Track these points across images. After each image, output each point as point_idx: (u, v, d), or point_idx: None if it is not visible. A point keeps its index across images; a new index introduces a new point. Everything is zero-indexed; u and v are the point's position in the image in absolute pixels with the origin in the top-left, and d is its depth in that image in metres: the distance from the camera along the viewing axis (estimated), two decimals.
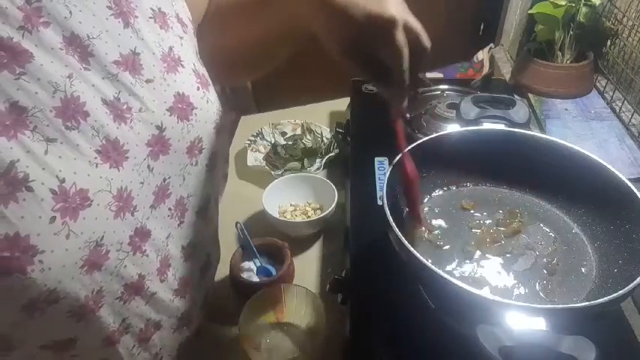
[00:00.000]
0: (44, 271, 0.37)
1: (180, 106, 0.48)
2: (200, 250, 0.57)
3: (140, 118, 0.44)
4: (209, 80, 0.55)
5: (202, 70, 0.54)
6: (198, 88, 0.51)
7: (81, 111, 0.40)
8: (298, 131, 1.12)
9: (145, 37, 0.46)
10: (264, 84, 1.70)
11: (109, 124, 0.42)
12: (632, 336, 0.57)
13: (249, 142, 1.09)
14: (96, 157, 0.40)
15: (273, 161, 1.05)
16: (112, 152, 0.42)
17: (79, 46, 0.41)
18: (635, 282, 0.46)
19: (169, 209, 0.50)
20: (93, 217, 0.39)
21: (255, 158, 1.04)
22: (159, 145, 0.46)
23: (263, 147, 1.09)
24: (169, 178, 0.48)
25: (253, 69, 0.70)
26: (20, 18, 0.37)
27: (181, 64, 0.49)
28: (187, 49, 0.52)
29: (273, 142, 1.09)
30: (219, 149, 0.57)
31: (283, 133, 1.13)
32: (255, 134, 1.12)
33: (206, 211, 0.56)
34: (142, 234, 0.46)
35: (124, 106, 0.43)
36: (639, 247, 0.54)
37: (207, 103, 0.52)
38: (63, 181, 0.37)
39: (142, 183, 0.45)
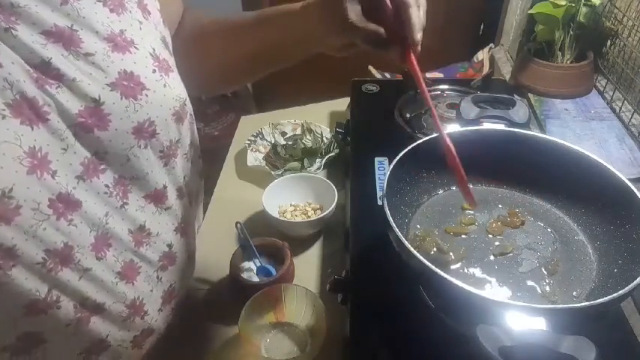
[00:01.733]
0: None
1: (125, 83, 0.47)
2: (157, 239, 0.55)
3: (71, 87, 0.44)
4: (172, 67, 0.54)
5: (166, 56, 0.53)
6: (154, 71, 0.50)
7: None
8: (298, 131, 1.12)
9: (88, 16, 0.46)
10: (264, 84, 1.70)
11: (27, 82, 0.41)
12: (632, 336, 0.57)
13: (249, 142, 1.09)
14: (4, 110, 0.40)
15: (273, 161, 1.05)
16: (27, 110, 0.41)
17: (2, 12, 0.41)
18: (635, 282, 0.46)
19: (106, 186, 0.48)
20: None
21: (255, 158, 1.04)
22: (94, 118, 0.45)
23: (263, 147, 1.09)
24: (105, 154, 0.47)
25: (251, 77, 0.71)
26: None
27: (135, 46, 0.49)
28: (147, 34, 0.52)
29: (273, 142, 1.09)
30: (182, 139, 0.56)
31: (283, 133, 1.13)
32: (255, 134, 1.12)
33: (161, 199, 0.55)
34: (67, 201, 0.44)
35: (54, 72, 0.43)
36: (639, 247, 0.55)
37: (165, 88, 0.51)
38: None
39: (63, 149, 0.44)
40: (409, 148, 0.63)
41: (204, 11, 0.68)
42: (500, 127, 0.73)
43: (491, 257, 0.60)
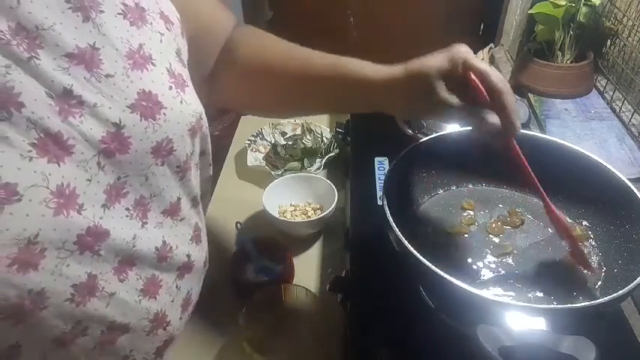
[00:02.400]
0: None
1: (144, 103, 0.46)
2: (176, 251, 0.55)
3: (94, 114, 0.43)
4: (187, 81, 0.53)
5: (180, 71, 0.53)
6: (170, 88, 0.49)
7: (14, 102, 0.38)
8: (298, 131, 1.12)
9: (108, 32, 0.45)
10: None
11: (50, 117, 0.40)
12: (632, 336, 0.57)
13: (249, 142, 1.09)
14: (30, 151, 0.39)
15: (273, 161, 1.05)
16: (52, 146, 0.40)
17: (26, 37, 0.40)
18: (635, 282, 0.46)
19: (127, 209, 0.48)
20: (23, 213, 0.38)
21: (255, 158, 1.04)
22: (116, 142, 0.45)
23: (263, 147, 1.09)
24: (126, 177, 0.47)
25: (292, 116, 0.70)
26: None
27: (152, 62, 0.48)
28: (166, 47, 0.51)
29: (273, 142, 1.09)
30: (196, 151, 0.55)
31: (283, 133, 1.13)
32: (255, 134, 1.11)
33: (177, 211, 0.55)
34: (96, 234, 0.44)
35: (75, 100, 0.42)
36: (639, 247, 0.55)
37: (181, 104, 0.50)
38: None
39: (89, 180, 0.43)
40: (409, 148, 0.63)
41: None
42: None
43: (491, 257, 0.60)
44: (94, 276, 0.45)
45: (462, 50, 0.51)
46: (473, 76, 0.50)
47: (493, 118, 0.50)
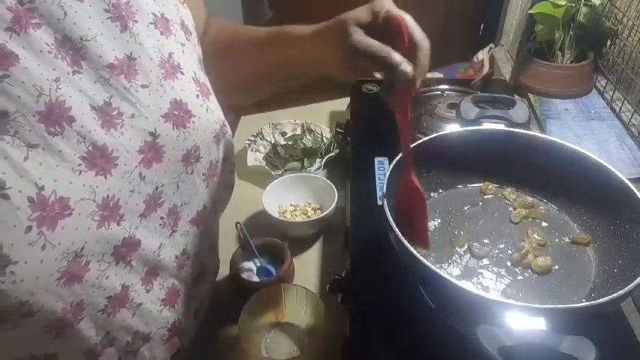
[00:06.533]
0: (15, 282, 0.35)
1: (176, 113, 0.47)
2: (194, 259, 0.56)
3: (132, 124, 0.43)
4: (210, 89, 0.54)
5: (204, 79, 0.53)
6: (197, 96, 0.50)
7: (66, 116, 0.39)
8: (298, 131, 1.12)
9: (143, 42, 0.45)
10: None
11: (97, 130, 0.41)
12: (632, 336, 0.57)
13: (249, 142, 1.09)
14: (80, 164, 0.39)
15: (273, 161, 1.05)
16: (100, 159, 0.41)
17: (71, 48, 0.40)
18: (635, 282, 0.46)
19: (161, 218, 0.49)
20: (73, 227, 0.38)
21: (255, 158, 1.04)
22: (152, 152, 0.45)
23: (263, 147, 1.09)
24: (162, 186, 0.48)
25: (258, 94, 0.72)
26: (9, 19, 0.36)
27: (181, 71, 0.49)
28: (189, 57, 0.52)
29: (273, 142, 1.09)
30: (220, 158, 0.56)
31: (283, 133, 1.13)
32: (255, 134, 1.11)
33: (202, 219, 0.55)
34: (130, 244, 0.45)
35: (115, 112, 0.42)
36: (639, 247, 0.55)
37: (207, 112, 0.51)
38: (42, 188, 0.36)
39: (131, 191, 0.44)
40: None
41: (223, 18, 0.68)
42: (500, 127, 0.73)
43: (493, 256, 0.60)
44: (127, 287, 0.46)
45: (384, 2, 0.52)
46: (399, 20, 0.50)
47: (405, 67, 0.49)
